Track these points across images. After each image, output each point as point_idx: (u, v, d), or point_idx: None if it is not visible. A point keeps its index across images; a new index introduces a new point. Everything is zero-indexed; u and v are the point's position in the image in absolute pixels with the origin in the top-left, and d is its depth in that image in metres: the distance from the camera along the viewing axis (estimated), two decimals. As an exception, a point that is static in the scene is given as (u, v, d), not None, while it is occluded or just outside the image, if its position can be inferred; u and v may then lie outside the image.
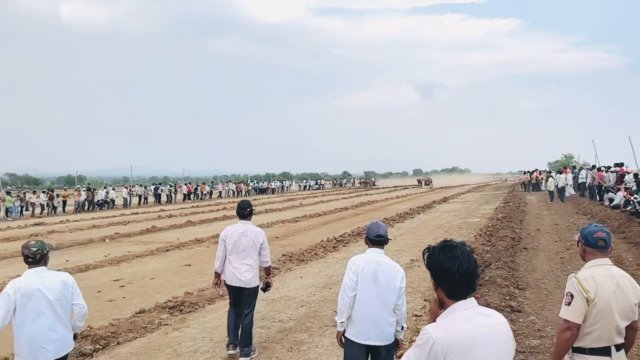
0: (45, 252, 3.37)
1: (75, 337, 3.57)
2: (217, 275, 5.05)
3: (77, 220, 21.17)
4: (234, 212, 23.31)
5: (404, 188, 54.30)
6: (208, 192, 39.79)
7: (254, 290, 5.01)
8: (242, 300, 4.97)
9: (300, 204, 29.19)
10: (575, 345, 2.69)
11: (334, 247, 11.84)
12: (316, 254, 10.90)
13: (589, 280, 2.65)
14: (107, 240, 14.34)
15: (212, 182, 45.50)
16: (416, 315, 6.14)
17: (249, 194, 43.57)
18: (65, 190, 32.18)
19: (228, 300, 5.19)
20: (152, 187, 35.71)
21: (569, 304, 2.66)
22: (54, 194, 27.64)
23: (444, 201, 28.86)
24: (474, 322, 1.84)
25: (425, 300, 6.84)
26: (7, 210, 24.78)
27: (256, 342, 5.44)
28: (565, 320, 2.68)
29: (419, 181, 63.21)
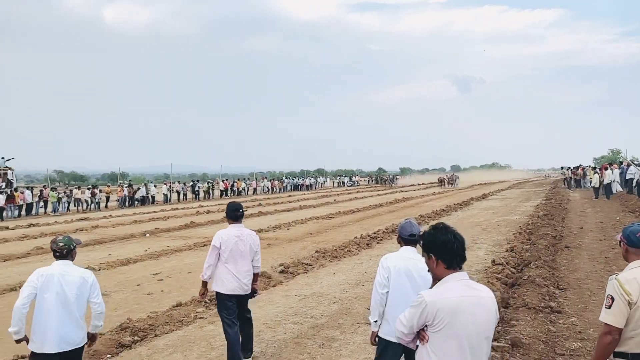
0: (72, 247, 3.54)
1: (94, 337, 3.64)
2: (205, 284, 4.72)
3: (119, 216, 21.97)
4: (269, 208, 23.73)
5: (429, 187, 48.25)
6: (244, 189, 40.42)
7: (251, 293, 4.76)
8: (241, 308, 4.69)
9: (335, 200, 29.19)
10: (616, 350, 2.57)
11: (367, 244, 11.78)
12: (349, 251, 10.88)
13: (632, 282, 2.51)
14: (148, 235, 14.82)
15: (247, 179, 46.18)
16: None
17: (283, 191, 43.92)
18: (109, 186, 33.43)
19: (221, 315, 4.61)
20: (191, 183, 36.62)
21: (610, 307, 2.53)
22: (97, 190, 28.80)
23: (483, 198, 28.17)
24: (462, 292, 2.15)
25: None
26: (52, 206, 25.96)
27: (288, 337, 5.50)
28: (605, 324, 2.56)
29: (441, 180, 48.96)
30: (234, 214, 4.60)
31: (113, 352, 5.15)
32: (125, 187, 30.35)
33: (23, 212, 24.10)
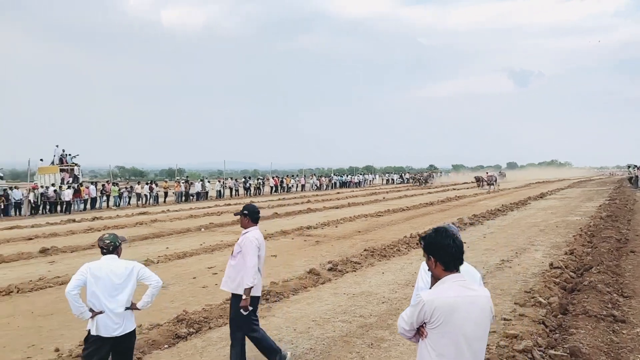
0: (117, 244, 3.83)
1: (133, 306, 3.84)
2: (249, 291, 4.41)
3: (176, 210, 22.91)
4: (317, 205, 23.82)
5: (469, 187, 42.80)
6: (293, 185, 40.95)
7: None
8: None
9: (384, 198, 28.94)
10: None
11: (417, 244, 11.60)
12: (399, 250, 10.78)
13: None
14: (203, 229, 15.38)
15: (296, 176, 46.72)
16: (505, 320, 5.83)
17: (331, 188, 44.04)
18: (166, 182, 34.93)
19: (250, 317, 4.56)
20: (242, 180, 37.56)
21: None
22: (154, 185, 30.18)
23: (541, 197, 26.97)
24: (458, 292, 2.30)
25: (515, 303, 6.48)
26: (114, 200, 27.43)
27: (337, 335, 5.55)
28: None
29: (479, 179, 38.66)
30: (257, 217, 4.64)
31: (170, 343, 5.41)
32: (182, 182, 31.59)
33: (88, 206, 25.66)
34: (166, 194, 31.24)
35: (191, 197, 30.97)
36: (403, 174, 62.51)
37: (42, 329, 6.04)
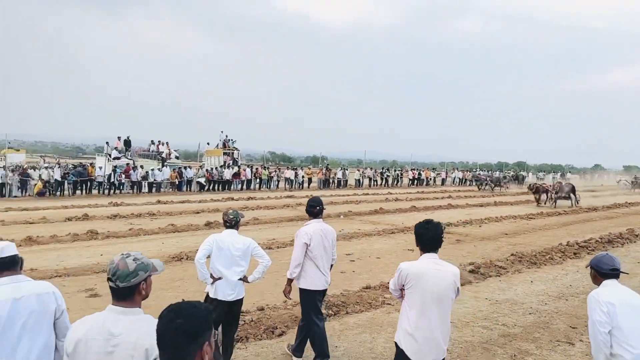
0: (238, 219, 4.37)
1: (245, 279, 4.31)
2: (291, 282, 4.56)
3: (328, 195, 24.07)
4: (459, 201, 22.85)
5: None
6: (432, 179, 39.81)
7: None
8: (320, 304, 4.66)
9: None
10: None
11: (574, 254, 10.39)
12: (552, 258, 9.78)
13: None
14: (342, 216, 15.92)
15: (434, 169, 45.24)
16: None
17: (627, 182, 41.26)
18: (310, 168, 36.85)
19: (309, 311, 4.53)
20: (380, 170, 37.77)
21: None
22: (300, 171, 32.06)
23: None
24: (428, 265, 3.10)
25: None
26: (261, 182, 29.84)
27: (476, 340, 5.30)
28: None
29: (536, 189, 23.06)
30: (314, 210, 4.56)
31: (311, 321, 5.76)
32: (324, 170, 33.04)
33: (244, 187, 28.44)
34: (310, 180, 32.98)
35: (331, 184, 32.20)
36: (565, 173, 56.12)
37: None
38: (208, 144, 32.61)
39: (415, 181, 37.95)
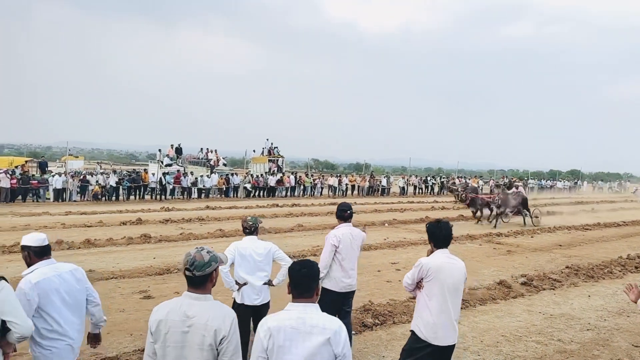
0: (257, 225, 4.47)
1: (270, 283, 4.43)
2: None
3: (362, 204, 23.97)
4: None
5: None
6: (480, 187, 38.67)
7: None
8: (345, 304, 4.76)
9: (592, 209, 25.14)
10: None
11: (636, 267, 9.81)
12: (611, 272, 9.27)
13: None
14: (387, 224, 15.77)
15: (481, 176, 43.95)
16: None
17: (527, 193, 40.02)
18: (353, 175, 36.76)
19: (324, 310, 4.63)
20: (425, 178, 37.12)
21: None
22: (344, 178, 32.02)
23: None
24: (444, 259, 3.43)
25: None
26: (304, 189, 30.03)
27: (530, 356, 5.10)
28: None
29: (469, 200, 17.90)
30: (344, 215, 4.72)
31: (357, 330, 5.73)
32: (367, 177, 32.86)
33: (288, 193, 28.76)
34: (353, 187, 32.90)
35: (375, 192, 31.95)
36: (624, 181, 53.05)
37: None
38: (254, 151, 33.30)
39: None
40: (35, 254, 3.06)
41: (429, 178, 37.14)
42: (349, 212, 4.76)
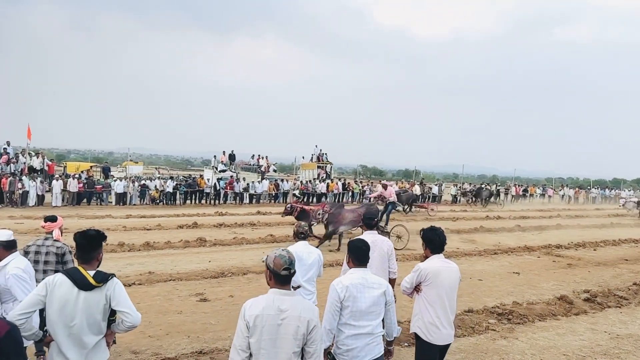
0: (308, 232, 4.68)
1: (298, 287, 4.54)
2: None
3: (411, 212, 23.62)
4: (569, 221, 21.02)
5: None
6: (538, 195, 37.03)
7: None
8: None
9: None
10: None
11: None
12: (686, 291, 8.57)
13: None
14: (438, 234, 15.41)
15: (544, 185, 41.98)
16: None
17: (590, 202, 37.90)
18: (402, 182, 36.26)
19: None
20: (478, 186, 35.97)
21: None
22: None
23: None
24: (440, 263, 3.67)
25: None
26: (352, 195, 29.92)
27: (596, 379, 4.81)
28: None
29: (297, 211, 12.78)
30: (371, 223, 4.87)
31: (410, 342, 5.64)
32: (417, 184, 32.30)
33: (336, 200, 28.80)
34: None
35: (426, 200, 31.33)
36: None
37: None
38: (303, 157, 33.65)
39: (520, 198, 35.58)
40: (5, 248, 3.72)
41: (483, 186, 35.96)
42: (375, 220, 4.99)
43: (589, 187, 43.21)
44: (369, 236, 4.77)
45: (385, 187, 15.77)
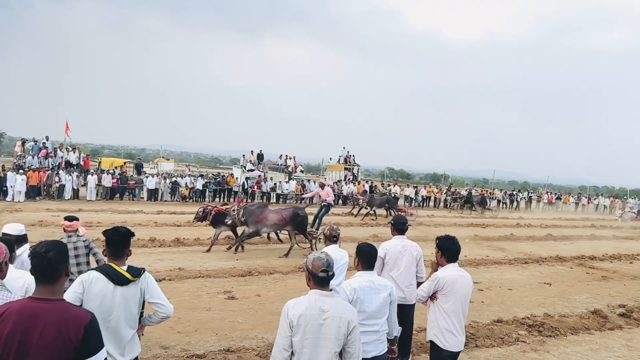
0: (339, 235, 4.72)
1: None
2: None
3: (440, 216, 23.30)
4: (604, 232, 20.38)
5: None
6: (572, 204, 35.92)
7: (413, 307, 4.79)
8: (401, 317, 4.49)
9: None
10: None
11: None
12: None
13: None
14: (467, 240, 15.16)
15: (579, 194, 40.70)
16: None
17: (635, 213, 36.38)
18: (430, 186, 35.82)
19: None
20: (510, 192, 35.18)
21: None
22: (418, 189, 31.35)
23: None
24: (456, 272, 3.73)
25: None
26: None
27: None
28: None
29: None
30: (401, 227, 4.88)
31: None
32: (445, 189, 31.84)
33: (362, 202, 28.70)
34: (429, 199, 32.08)
35: (454, 205, 30.84)
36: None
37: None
38: (330, 159, 33.66)
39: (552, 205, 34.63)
40: (16, 242, 3.74)
41: (514, 192, 35.16)
42: (407, 225, 5.00)
43: (625, 197, 41.65)
44: (399, 241, 4.81)
45: (322, 186, 14.95)
